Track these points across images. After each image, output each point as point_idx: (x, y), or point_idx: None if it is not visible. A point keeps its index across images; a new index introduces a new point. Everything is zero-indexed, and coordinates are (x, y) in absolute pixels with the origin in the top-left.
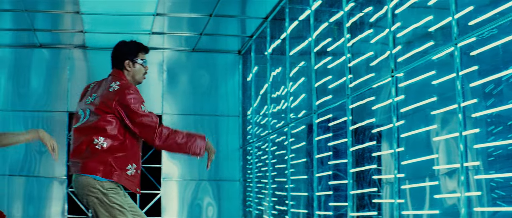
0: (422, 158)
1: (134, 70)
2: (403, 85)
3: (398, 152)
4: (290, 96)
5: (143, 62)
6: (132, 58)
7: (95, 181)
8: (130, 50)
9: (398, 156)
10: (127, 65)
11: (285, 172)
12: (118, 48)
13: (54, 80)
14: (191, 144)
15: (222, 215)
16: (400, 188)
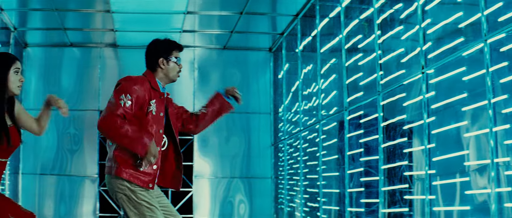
0: (453, 154)
1: (168, 68)
2: (434, 82)
3: (429, 148)
4: (321, 93)
5: (177, 60)
6: (166, 56)
7: (123, 179)
8: (164, 48)
9: (429, 152)
10: (161, 63)
11: (316, 169)
12: (152, 46)
13: (85, 79)
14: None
15: (254, 213)
16: (431, 184)
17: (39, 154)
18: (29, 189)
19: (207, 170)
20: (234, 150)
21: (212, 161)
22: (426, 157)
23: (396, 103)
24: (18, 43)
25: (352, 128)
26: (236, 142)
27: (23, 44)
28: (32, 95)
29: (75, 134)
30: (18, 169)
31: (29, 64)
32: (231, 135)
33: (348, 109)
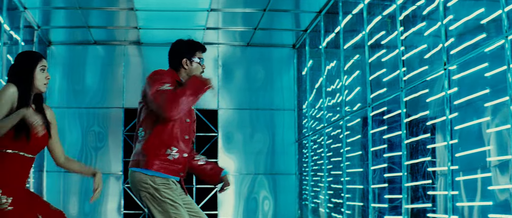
0: (475, 150)
1: (191, 68)
2: (456, 78)
3: (451, 144)
4: (345, 89)
5: (200, 61)
6: (189, 57)
7: (147, 176)
8: (188, 49)
9: (451, 148)
10: (184, 63)
11: (340, 165)
12: (176, 46)
13: (109, 77)
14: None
15: (278, 209)
16: (453, 180)
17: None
18: (54, 186)
19: (232, 166)
20: (258, 147)
21: (237, 158)
22: (448, 153)
23: (419, 100)
24: (42, 41)
25: (375, 124)
26: (260, 139)
27: (47, 43)
28: (56, 93)
29: (99, 132)
30: (42, 167)
31: (53, 62)
32: (255, 131)
33: (371, 105)
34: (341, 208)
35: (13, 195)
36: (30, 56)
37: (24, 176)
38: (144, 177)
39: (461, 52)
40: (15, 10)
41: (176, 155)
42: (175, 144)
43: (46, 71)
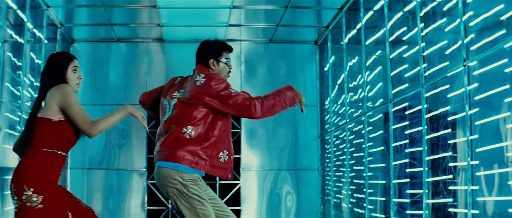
0: (495, 145)
1: (219, 69)
2: (477, 74)
3: (471, 140)
4: (367, 85)
5: (227, 61)
6: (216, 58)
7: (175, 172)
8: (215, 49)
9: (471, 144)
10: (211, 64)
11: (362, 161)
12: (203, 47)
13: (132, 74)
14: (284, 99)
15: (301, 204)
16: (473, 175)
17: (87, 149)
18: (78, 183)
19: (255, 162)
20: (281, 142)
21: (260, 154)
22: (468, 148)
23: (440, 95)
24: (65, 39)
25: (397, 119)
26: (283, 134)
27: (70, 40)
28: (80, 90)
29: (123, 129)
30: (66, 164)
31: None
32: (278, 127)
33: (392, 101)
34: (363, 203)
35: (44, 194)
36: (61, 58)
37: (58, 174)
38: (173, 173)
39: (481, 48)
40: (38, 8)
41: (226, 158)
42: (227, 146)
43: (78, 72)
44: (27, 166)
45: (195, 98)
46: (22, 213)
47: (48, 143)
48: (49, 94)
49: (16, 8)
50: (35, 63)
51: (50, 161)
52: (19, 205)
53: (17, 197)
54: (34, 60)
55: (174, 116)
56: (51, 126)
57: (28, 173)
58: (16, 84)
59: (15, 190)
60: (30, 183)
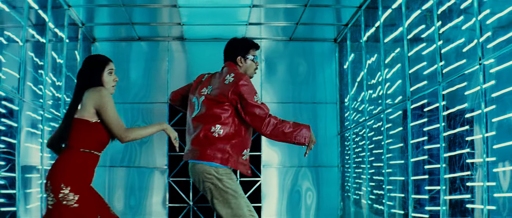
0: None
1: (246, 66)
2: (494, 71)
3: (486, 137)
4: (386, 83)
5: (254, 58)
6: (243, 55)
7: (211, 168)
8: (243, 47)
9: (487, 141)
10: (239, 61)
11: (381, 157)
12: (231, 45)
13: (153, 72)
14: (297, 134)
15: (321, 201)
16: (489, 171)
17: (109, 147)
18: (99, 180)
19: (275, 159)
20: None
21: (280, 151)
22: (484, 145)
23: (457, 93)
24: (86, 38)
25: (415, 117)
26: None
27: (91, 39)
28: None
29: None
30: None
31: None
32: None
33: (410, 98)
34: (382, 200)
35: (80, 193)
36: (98, 60)
37: (92, 174)
38: (208, 168)
39: (497, 46)
40: (59, 8)
41: (247, 156)
42: (249, 145)
43: (113, 74)
44: (64, 165)
45: (222, 96)
46: (58, 210)
47: (85, 143)
48: (85, 96)
49: (37, 8)
50: (57, 63)
51: (87, 161)
52: (54, 202)
53: (53, 194)
54: (56, 59)
55: (202, 114)
56: (89, 127)
57: (65, 172)
58: (38, 84)
59: (52, 188)
60: (68, 182)
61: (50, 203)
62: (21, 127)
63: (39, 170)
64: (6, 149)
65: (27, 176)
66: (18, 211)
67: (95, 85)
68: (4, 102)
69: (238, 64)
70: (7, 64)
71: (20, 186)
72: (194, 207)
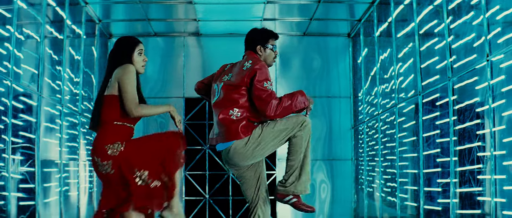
0: None
1: (265, 54)
2: (504, 66)
3: (494, 131)
4: (398, 77)
5: (273, 47)
6: (263, 44)
7: (241, 141)
8: (261, 36)
9: (494, 135)
10: (258, 50)
11: (394, 151)
12: (251, 34)
13: (169, 67)
14: (296, 102)
15: (335, 193)
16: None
17: None
18: None
19: None
20: (316, 133)
21: None
22: (491, 139)
23: (467, 88)
24: (103, 34)
25: (426, 111)
26: (317, 125)
27: (108, 35)
28: None
29: (161, 121)
30: None
31: None
32: (313, 118)
33: (422, 93)
34: (395, 192)
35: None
36: (128, 42)
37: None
38: (239, 143)
39: (508, 41)
40: (77, 5)
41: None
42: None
43: (143, 54)
44: (103, 136)
45: (239, 81)
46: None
47: (117, 117)
48: (114, 73)
49: (55, 5)
50: (74, 59)
51: (121, 132)
52: (111, 162)
53: (105, 159)
54: (73, 56)
55: (221, 99)
56: (118, 101)
57: (105, 139)
58: (56, 79)
59: (100, 157)
60: (110, 141)
61: (109, 170)
62: (40, 122)
63: (58, 164)
64: (26, 144)
65: (46, 170)
66: (38, 205)
67: (125, 62)
68: (23, 98)
69: (258, 53)
70: (26, 61)
71: (39, 181)
72: (210, 200)
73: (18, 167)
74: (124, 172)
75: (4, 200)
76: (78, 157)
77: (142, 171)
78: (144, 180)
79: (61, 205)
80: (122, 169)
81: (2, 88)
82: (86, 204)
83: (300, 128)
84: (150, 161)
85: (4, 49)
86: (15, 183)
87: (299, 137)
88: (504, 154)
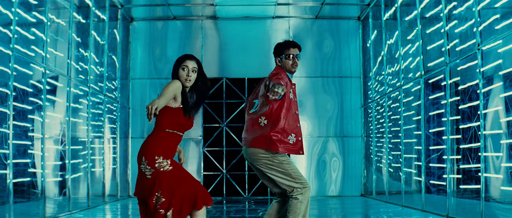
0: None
1: (283, 63)
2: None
3: (496, 111)
4: (405, 58)
5: (289, 56)
6: (279, 56)
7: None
8: (276, 50)
9: (493, 115)
10: (277, 62)
11: (400, 129)
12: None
13: (188, 49)
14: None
15: (346, 168)
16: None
17: (146, 119)
18: (138, 151)
19: (304, 130)
20: (328, 112)
21: (309, 122)
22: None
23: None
24: (125, 18)
25: (430, 91)
26: (330, 104)
27: (130, 19)
28: (138, 65)
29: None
30: (127, 134)
31: (135, 37)
32: (326, 97)
33: (426, 74)
34: (402, 167)
35: (170, 159)
36: (178, 58)
37: (175, 149)
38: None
39: (509, 26)
40: None
41: (294, 140)
42: (295, 131)
43: (186, 70)
44: (155, 142)
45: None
46: (157, 177)
47: (168, 125)
48: None
49: None
50: (99, 43)
51: (170, 138)
52: (152, 172)
53: (150, 166)
54: (98, 40)
55: (255, 111)
56: (169, 111)
57: (156, 146)
58: (82, 62)
59: (147, 161)
60: (160, 153)
61: (148, 174)
62: (68, 102)
63: (85, 142)
64: (55, 123)
65: (72, 147)
66: (67, 180)
67: (174, 78)
68: (52, 81)
69: (278, 64)
70: (53, 45)
71: (69, 157)
72: (227, 174)
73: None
74: (153, 186)
75: (36, 177)
76: (102, 135)
77: (160, 196)
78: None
79: (88, 180)
80: (155, 182)
81: (30, 71)
82: (110, 179)
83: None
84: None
85: (34, 35)
86: (45, 161)
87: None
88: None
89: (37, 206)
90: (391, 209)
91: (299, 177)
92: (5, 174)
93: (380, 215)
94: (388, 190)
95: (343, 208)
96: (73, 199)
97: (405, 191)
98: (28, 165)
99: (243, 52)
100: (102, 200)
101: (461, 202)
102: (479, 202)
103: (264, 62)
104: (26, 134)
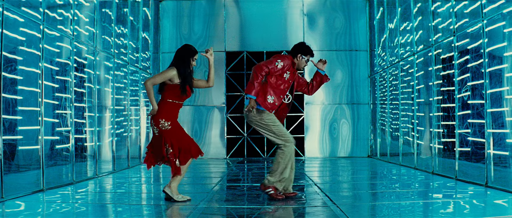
0: None
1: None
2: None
3: (503, 91)
4: (410, 33)
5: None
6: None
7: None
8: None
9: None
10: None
11: (411, 96)
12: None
13: (212, 26)
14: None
15: (355, 132)
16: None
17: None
18: None
19: (317, 98)
20: (339, 81)
21: (321, 90)
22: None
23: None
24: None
25: (434, 62)
26: (341, 74)
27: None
28: (167, 40)
29: (205, 71)
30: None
31: (165, 15)
32: (336, 68)
33: (434, 45)
34: (399, 130)
35: (171, 121)
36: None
37: (177, 113)
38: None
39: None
40: None
41: (272, 101)
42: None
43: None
44: (160, 110)
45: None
46: (161, 134)
47: (169, 96)
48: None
49: None
50: (129, 20)
51: (172, 106)
52: (158, 130)
53: (156, 126)
54: (133, 20)
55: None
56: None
57: (160, 112)
58: (108, 35)
59: (154, 123)
60: (163, 116)
61: (156, 132)
62: (98, 74)
63: (111, 109)
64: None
65: (100, 115)
66: (95, 144)
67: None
68: (84, 54)
69: (296, 58)
70: (82, 21)
71: (97, 124)
72: (248, 138)
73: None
74: (160, 140)
75: (68, 142)
76: (127, 103)
77: (169, 148)
78: (167, 152)
79: (113, 145)
80: (161, 138)
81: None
82: (133, 144)
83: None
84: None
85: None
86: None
87: (285, 152)
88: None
89: (91, 166)
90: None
91: (282, 134)
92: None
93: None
94: (390, 151)
95: (353, 166)
96: (116, 160)
97: (403, 153)
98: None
99: (261, 28)
100: (138, 161)
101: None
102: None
103: (281, 36)
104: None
